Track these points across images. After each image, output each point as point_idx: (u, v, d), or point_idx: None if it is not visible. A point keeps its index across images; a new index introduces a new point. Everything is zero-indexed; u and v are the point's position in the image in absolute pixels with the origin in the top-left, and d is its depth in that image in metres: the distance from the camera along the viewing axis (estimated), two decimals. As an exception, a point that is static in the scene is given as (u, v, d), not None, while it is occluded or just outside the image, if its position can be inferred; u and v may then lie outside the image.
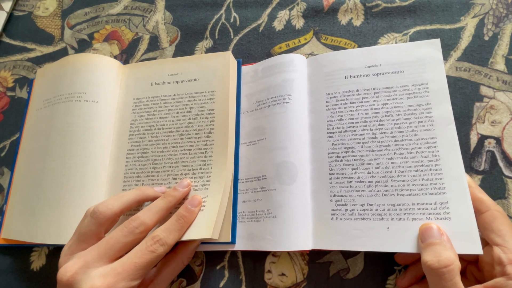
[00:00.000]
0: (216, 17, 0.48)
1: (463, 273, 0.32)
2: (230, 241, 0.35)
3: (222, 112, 0.38)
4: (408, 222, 0.32)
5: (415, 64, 0.36)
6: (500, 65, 0.39)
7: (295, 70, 0.39)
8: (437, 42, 0.37)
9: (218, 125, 0.38)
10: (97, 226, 0.32)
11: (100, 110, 0.41)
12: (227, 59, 0.41)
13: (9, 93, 0.49)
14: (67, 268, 0.29)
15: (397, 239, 0.31)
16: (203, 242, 0.36)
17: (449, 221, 0.31)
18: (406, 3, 0.43)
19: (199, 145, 0.38)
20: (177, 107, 0.41)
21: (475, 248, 0.29)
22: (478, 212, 0.30)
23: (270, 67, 0.40)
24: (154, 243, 0.31)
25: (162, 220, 0.34)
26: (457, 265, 0.27)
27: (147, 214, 0.32)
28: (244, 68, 0.42)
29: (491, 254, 0.28)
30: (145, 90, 0.42)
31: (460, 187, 0.31)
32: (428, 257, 0.28)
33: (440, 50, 0.36)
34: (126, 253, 0.31)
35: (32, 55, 0.50)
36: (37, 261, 0.40)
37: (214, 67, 0.41)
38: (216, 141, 0.38)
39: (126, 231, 0.31)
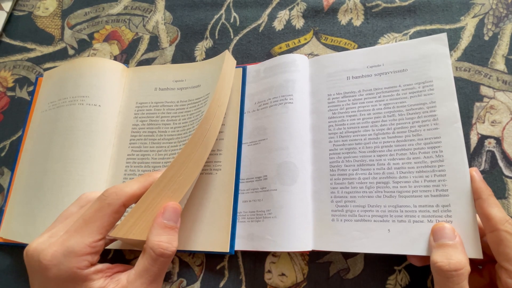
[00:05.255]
0: (216, 17, 0.48)
1: (480, 271, 0.31)
2: (228, 251, 0.34)
3: (209, 112, 0.36)
4: (409, 224, 0.31)
5: (420, 61, 0.36)
6: (500, 65, 0.39)
7: (297, 71, 0.39)
8: (443, 37, 0.35)
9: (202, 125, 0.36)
10: (77, 208, 0.30)
11: (102, 114, 0.41)
12: (222, 58, 0.39)
13: (9, 93, 0.49)
14: (33, 243, 0.27)
15: (397, 241, 0.31)
16: (195, 251, 0.35)
17: (450, 224, 0.30)
18: (406, 3, 0.43)
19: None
20: (179, 114, 0.40)
21: (475, 252, 0.29)
22: (486, 230, 0.29)
23: (272, 67, 0.40)
24: (105, 191, 0.28)
25: None
26: (467, 270, 0.27)
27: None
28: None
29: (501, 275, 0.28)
30: (149, 94, 0.42)
31: (463, 189, 0.31)
32: (439, 258, 0.27)
33: (446, 45, 0.35)
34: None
35: (32, 55, 0.50)
36: (38, 262, 0.40)
37: (213, 71, 0.40)
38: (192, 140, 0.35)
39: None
